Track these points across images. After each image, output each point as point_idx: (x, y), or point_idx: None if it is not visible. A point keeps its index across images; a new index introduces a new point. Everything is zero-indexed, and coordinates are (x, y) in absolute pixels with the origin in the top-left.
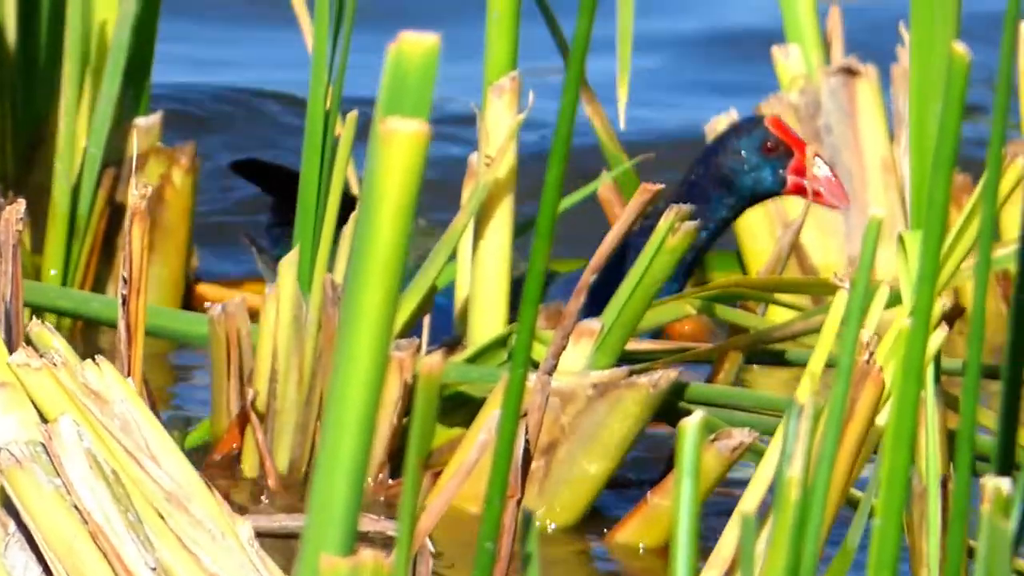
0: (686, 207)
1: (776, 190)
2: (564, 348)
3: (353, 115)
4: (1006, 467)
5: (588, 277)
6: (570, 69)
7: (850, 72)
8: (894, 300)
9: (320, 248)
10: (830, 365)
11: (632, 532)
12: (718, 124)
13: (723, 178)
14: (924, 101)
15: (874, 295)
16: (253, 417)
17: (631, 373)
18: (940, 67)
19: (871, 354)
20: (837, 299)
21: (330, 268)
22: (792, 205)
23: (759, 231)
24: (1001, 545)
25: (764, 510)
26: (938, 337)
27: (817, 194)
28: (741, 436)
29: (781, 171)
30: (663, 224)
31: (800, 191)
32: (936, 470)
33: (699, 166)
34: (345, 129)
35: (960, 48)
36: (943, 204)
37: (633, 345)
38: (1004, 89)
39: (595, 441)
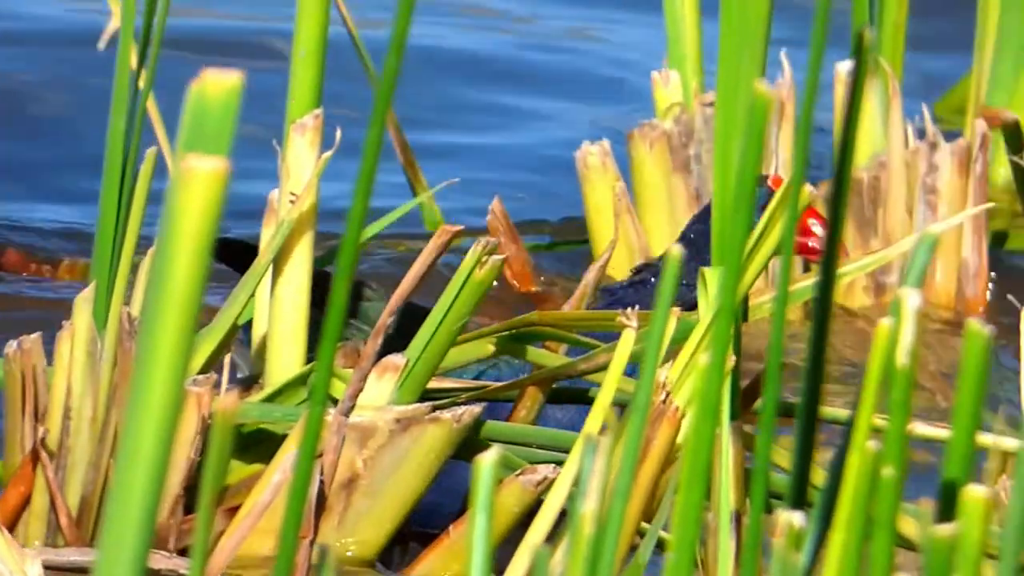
0: (493, 240)
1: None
2: (362, 389)
3: (153, 151)
4: (799, 503)
5: (386, 318)
6: (377, 103)
7: None
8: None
9: (116, 284)
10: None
11: (432, 565)
12: (588, 156)
13: None
14: (727, 138)
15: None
16: (43, 454)
17: (434, 408)
18: (743, 104)
19: (667, 394)
20: (624, 337)
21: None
22: (653, 230)
23: (616, 260)
24: None
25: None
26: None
27: (814, 252)
28: (545, 471)
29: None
30: (470, 258)
31: (800, 251)
32: (730, 505)
33: (697, 223)
34: (144, 164)
35: (763, 87)
36: (741, 240)
37: (436, 383)
38: (805, 125)
39: (396, 476)
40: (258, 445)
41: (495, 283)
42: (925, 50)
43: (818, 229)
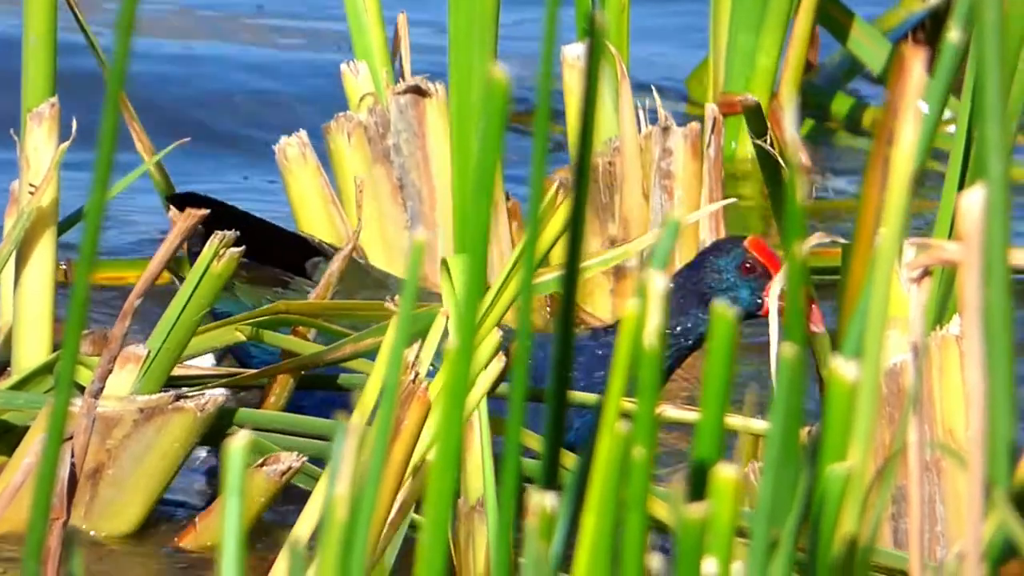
0: (231, 233)
1: (752, 311)
2: (111, 371)
3: None
4: (551, 485)
5: (134, 300)
6: (109, 86)
7: (419, 92)
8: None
9: None
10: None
11: (192, 545)
12: (287, 148)
13: (701, 295)
14: (464, 124)
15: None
16: None
17: (179, 397)
18: (478, 89)
19: (416, 374)
20: (392, 323)
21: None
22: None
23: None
24: (543, 560)
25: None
26: (495, 366)
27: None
28: (290, 460)
29: (758, 292)
30: (207, 251)
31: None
32: (485, 489)
33: (679, 278)
34: None
35: (498, 70)
36: (484, 227)
37: (181, 370)
38: (543, 113)
39: (142, 465)
40: (2, 436)
41: None
42: (655, 38)
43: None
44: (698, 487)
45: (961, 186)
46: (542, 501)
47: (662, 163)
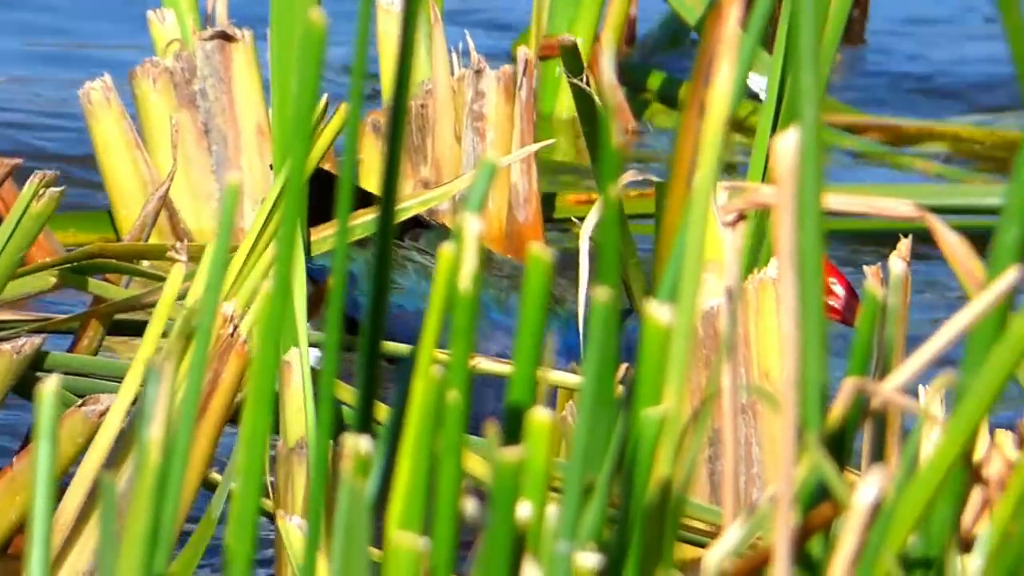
0: (52, 173)
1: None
2: None
3: None
4: (366, 429)
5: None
6: None
7: (225, 37)
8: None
9: None
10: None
11: None
12: (91, 92)
13: None
14: (284, 69)
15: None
16: None
17: None
18: (298, 34)
19: (235, 327)
20: (174, 271)
21: None
22: (164, 166)
23: (130, 195)
24: (359, 503)
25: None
26: (305, 304)
27: (834, 311)
28: (109, 401)
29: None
30: (27, 191)
31: None
32: (304, 434)
33: None
34: None
35: (317, 15)
36: (299, 171)
37: None
38: (360, 56)
39: None
40: None
41: None
42: None
43: (838, 288)
44: (513, 432)
45: (774, 131)
46: (356, 444)
47: (474, 106)
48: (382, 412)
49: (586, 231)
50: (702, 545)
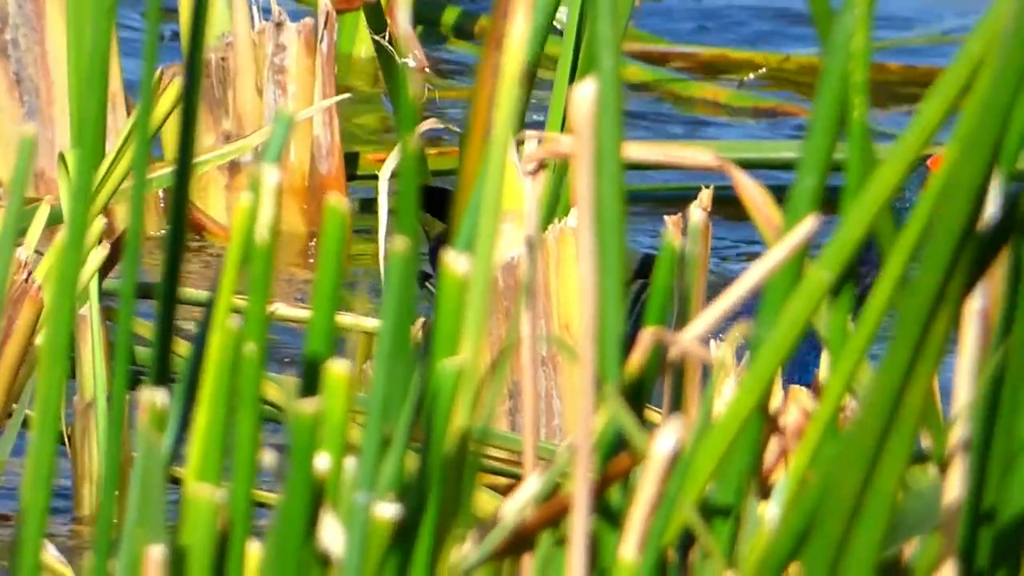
0: None
1: None
2: None
3: None
4: (163, 379)
5: None
6: None
7: None
8: (56, 218)
9: None
10: None
11: None
12: None
13: (895, 221)
14: (80, 20)
15: (35, 212)
16: None
17: None
18: None
19: (29, 272)
20: None
21: None
22: None
23: None
24: (155, 456)
25: None
26: (98, 255)
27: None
28: None
29: None
30: None
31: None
32: (102, 385)
33: None
34: None
35: None
36: (95, 121)
37: None
38: (154, 9)
39: None
40: None
41: None
42: None
43: None
44: (312, 383)
45: (573, 78)
46: (153, 397)
47: (275, 59)
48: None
49: (384, 179)
50: (503, 494)
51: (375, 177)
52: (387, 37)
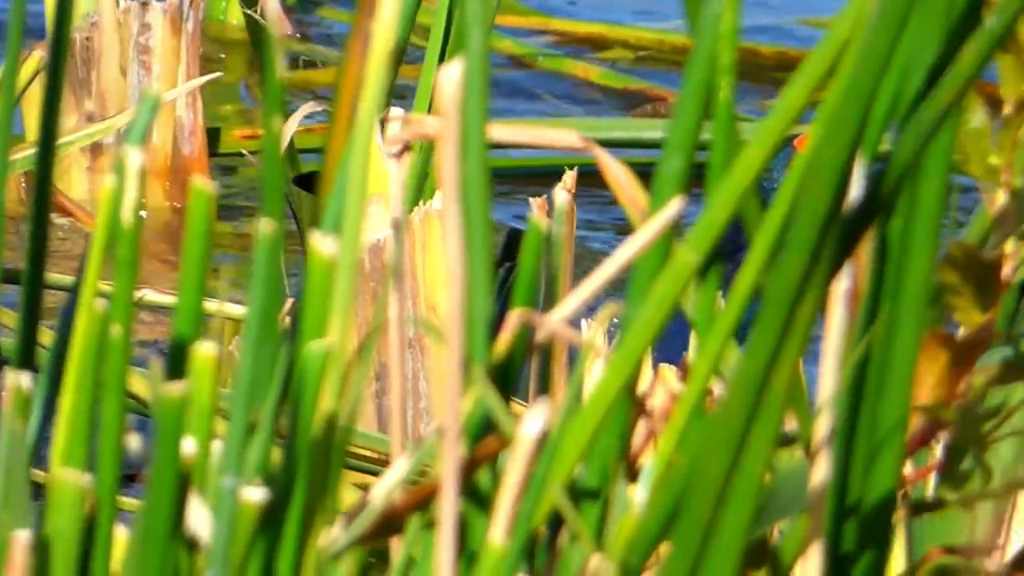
0: None
1: None
2: None
3: None
4: (27, 365)
5: None
6: None
7: None
8: None
9: None
10: None
11: None
12: None
13: (762, 201)
14: None
15: None
16: None
17: None
18: None
19: None
20: None
21: None
22: None
23: None
24: (18, 446)
25: None
26: None
27: None
28: None
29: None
30: None
31: None
32: None
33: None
34: None
35: None
36: None
37: None
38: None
39: None
40: None
41: None
42: None
43: None
44: (178, 366)
45: (442, 59)
46: (17, 380)
47: (140, 38)
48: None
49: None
50: (373, 475)
51: (240, 154)
52: (258, 11)
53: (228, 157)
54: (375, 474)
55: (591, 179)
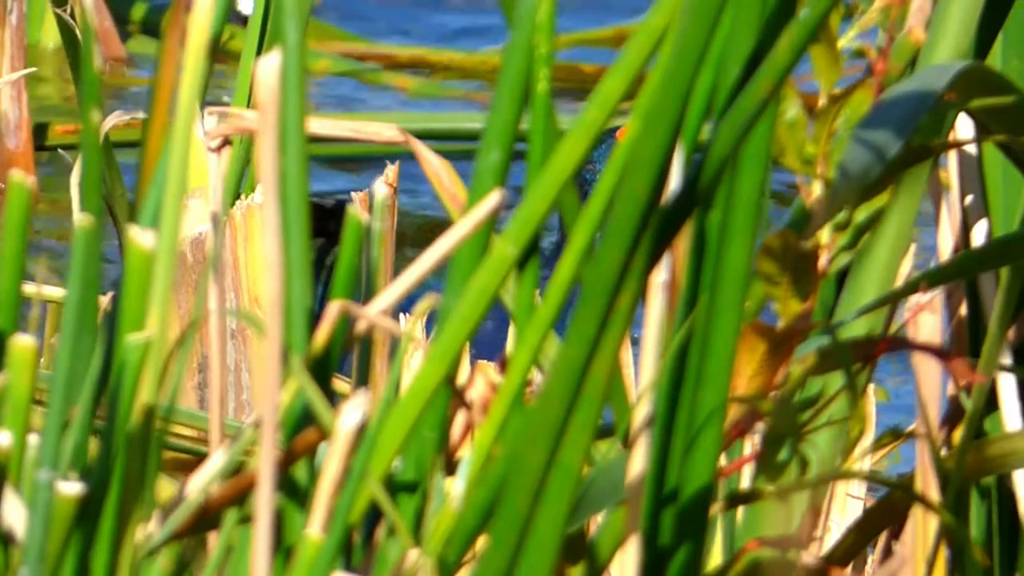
0: None
1: None
2: None
3: None
4: None
5: None
6: None
7: None
8: None
9: None
10: None
11: None
12: None
13: (584, 192)
14: None
15: None
16: None
17: None
18: None
19: None
20: None
21: None
22: None
23: None
24: None
25: None
26: None
27: None
28: None
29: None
30: None
31: None
32: None
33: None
34: None
35: None
36: None
37: None
38: None
39: None
40: None
41: None
42: None
43: None
44: None
45: (259, 54)
46: None
47: None
48: None
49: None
50: (191, 469)
51: (66, 147)
52: (69, 11)
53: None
54: (197, 455)
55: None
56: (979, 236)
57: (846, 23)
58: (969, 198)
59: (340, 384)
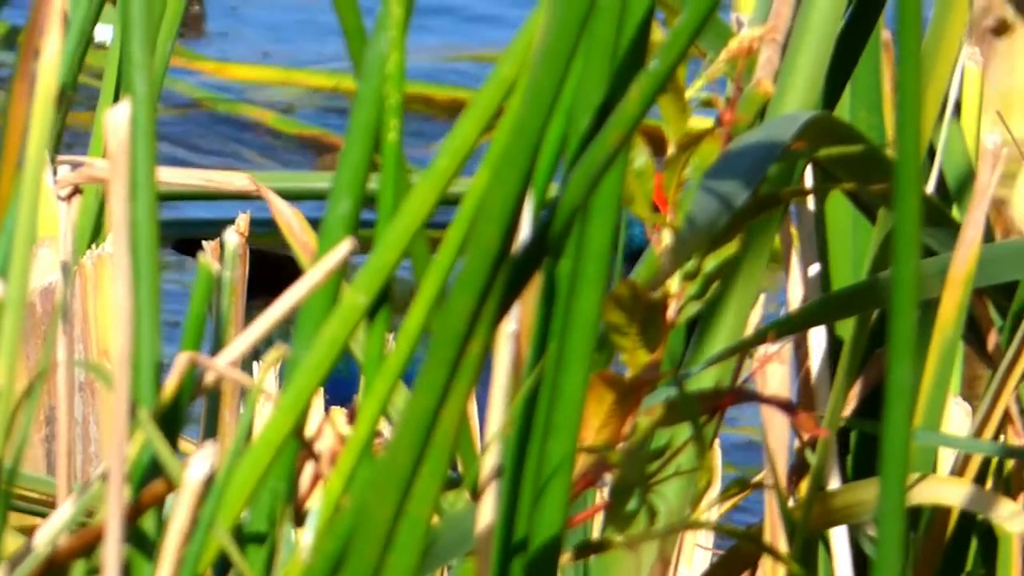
0: None
1: (644, 247)
2: None
3: None
4: None
5: None
6: None
7: None
8: None
9: None
10: None
11: None
12: None
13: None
14: None
15: None
16: None
17: None
18: None
19: None
20: None
21: None
22: None
23: None
24: None
25: None
26: None
27: None
28: None
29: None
30: None
31: None
32: None
33: None
34: None
35: None
36: None
37: None
38: None
39: None
40: None
41: None
42: None
43: None
44: None
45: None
46: None
47: None
48: None
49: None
50: (41, 517)
51: None
52: None
53: None
54: (43, 516)
55: None
56: (830, 286)
57: (694, 71)
58: (816, 248)
59: (185, 443)
